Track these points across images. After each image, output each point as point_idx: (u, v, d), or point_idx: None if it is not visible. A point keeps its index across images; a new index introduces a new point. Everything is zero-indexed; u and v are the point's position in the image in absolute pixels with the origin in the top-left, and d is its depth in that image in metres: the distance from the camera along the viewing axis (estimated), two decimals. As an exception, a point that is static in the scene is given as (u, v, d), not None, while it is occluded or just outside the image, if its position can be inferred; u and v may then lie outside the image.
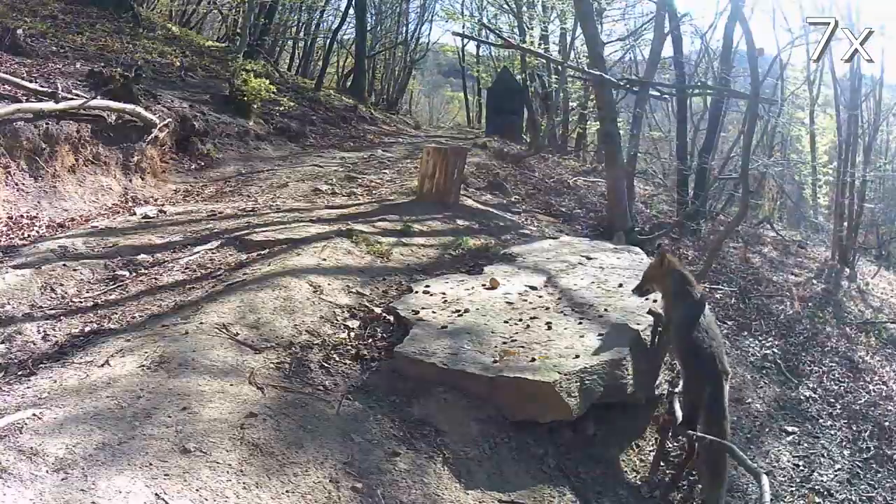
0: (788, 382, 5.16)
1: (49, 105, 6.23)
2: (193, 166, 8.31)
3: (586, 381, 3.58)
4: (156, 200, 6.94)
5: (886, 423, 5.01)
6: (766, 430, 4.43)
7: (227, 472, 2.59)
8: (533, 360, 3.65)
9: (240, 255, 5.09)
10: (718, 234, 8.35)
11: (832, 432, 4.68)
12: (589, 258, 5.83)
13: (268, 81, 10.65)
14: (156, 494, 2.35)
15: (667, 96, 11.11)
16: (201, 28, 19.14)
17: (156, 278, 4.63)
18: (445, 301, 4.51)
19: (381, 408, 3.38)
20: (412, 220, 6.55)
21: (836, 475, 4.18)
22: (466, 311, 4.32)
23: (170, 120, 7.97)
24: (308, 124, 12.24)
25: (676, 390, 4.26)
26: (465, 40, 23.98)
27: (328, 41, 20.36)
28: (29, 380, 3.13)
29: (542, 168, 12.39)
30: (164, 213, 6.26)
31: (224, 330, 3.68)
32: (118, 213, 6.23)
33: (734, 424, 4.35)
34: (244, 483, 2.56)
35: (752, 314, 6.39)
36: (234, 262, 4.93)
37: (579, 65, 12.81)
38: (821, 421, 4.79)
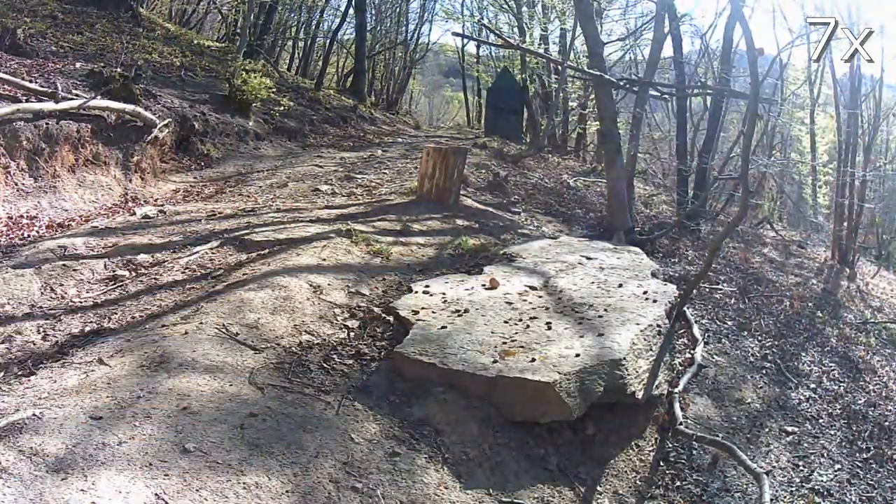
0: (788, 382, 5.16)
1: (49, 105, 6.23)
2: (193, 166, 8.32)
3: (586, 381, 3.58)
4: (156, 200, 6.94)
5: (886, 424, 5.01)
6: (766, 430, 4.43)
7: (227, 472, 2.59)
8: (533, 360, 3.65)
9: (239, 254, 5.09)
10: (718, 234, 8.35)
11: (832, 432, 4.67)
12: (588, 258, 5.83)
13: (267, 81, 10.65)
14: (156, 494, 2.35)
15: (667, 96, 11.10)
16: (201, 28, 19.14)
17: (155, 278, 4.63)
18: (445, 301, 4.51)
19: (381, 408, 3.39)
20: (412, 219, 6.55)
21: (836, 475, 4.18)
22: (466, 311, 4.32)
23: (170, 120, 7.97)
24: (308, 124, 12.25)
25: (676, 390, 4.27)
26: (465, 40, 24.07)
27: (328, 41, 20.37)
28: (29, 380, 3.13)
29: (541, 168, 12.40)
30: (164, 213, 6.26)
31: (224, 330, 3.69)
32: (118, 213, 6.23)
33: (734, 424, 4.36)
34: (244, 483, 2.57)
35: (752, 314, 6.39)
36: (234, 261, 4.93)
37: (579, 65, 12.83)
38: (821, 421, 4.78)
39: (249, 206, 6.67)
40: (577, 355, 3.72)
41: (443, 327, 4.03)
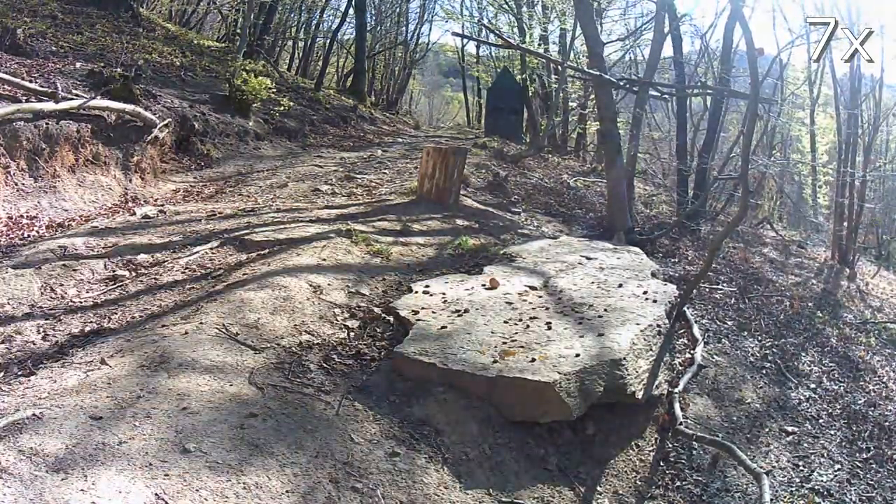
0: (788, 382, 5.16)
1: (49, 105, 6.23)
2: (193, 166, 8.32)
3: (586, 381, 3.58)
4: (156, 200, 6.94)
5: (886, 424, 5.01)
6: (766, 430, 4.43)
7: (227, 472, 2.59)
8: (533, 360, 3.65)
9: (239, 254, 5.09)
10: (718, 234, 8.35)
11: (832, 432, 4.67)
12: (588, 258, 5.83)
13: (268, 81, 10.65)
14: (156, 494, 2.35)
15: (667, 96, 11.10)
16: (201, 28, 19.14)
17: (155, 278, 4.63)
18: (445, 301, 4.51)
19: (380, 408, 3.39)
20: (412, 219, 6.55)
21: (836, 475, 4.18)
22: (466, 311, 4.32)
23: (170, 120, 7.97)
24: (308, 124, 12.25)
25: (676, 390, 4.27)
26: (465, 40, 24.07)
27: (328, 41, 20.38)
28: (29, 380, 3.13)
29: (541, 168, 12.40)
30: (164, 213, 6.26)
31: (224, 330, 3.68)
32: (118, 213, 6.23)
33: (734, 424, 4.36)
34: (244, 483, 2.57)
35: (752, 314, 6.39)
36: (234, 261, 4.93)
37: (579, 65, 12.83)
38: (821, 421, 4.78)
39: (249, 206, 6.67)
40: (577, 355, 3.72)
41: (443, 327, 4.03)
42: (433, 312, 4.28)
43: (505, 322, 4.19)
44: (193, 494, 2.42)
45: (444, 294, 4.65)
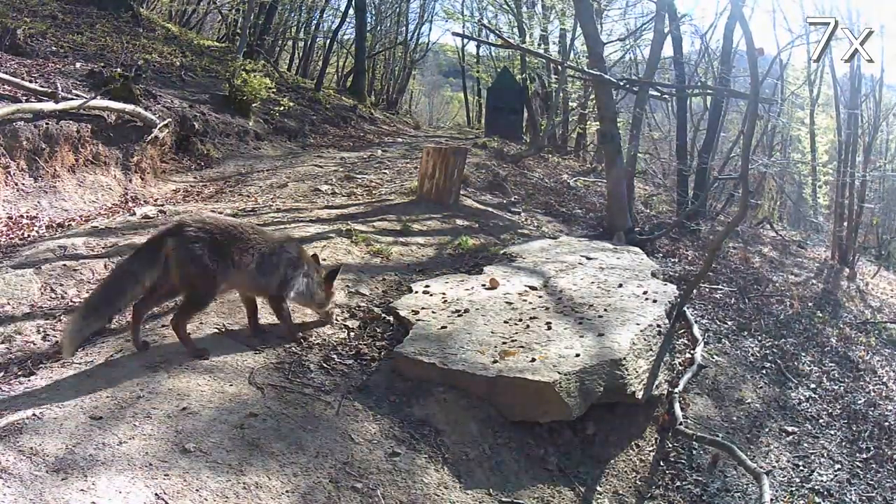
0: (788, 382, 5.16)
1: (49, 105, 6.23)
2: (193, 166, 8.32)
3: (586, 381, 3.58)
4: (156, 200, 6.94)
5: (886, 424, 5.01)
6: (766, 430, 4.43)
7: (227, 472, 2.59)
8: (533, 360, 3.65)
9: (240, 255, 5.08)
10: (718, 234, 8.36)
11: (832, 432, 4.67)
12: (588, 258, 5.83)
13: (267, 81, 10.66)
14: (156, 494, 2.35)
15: (667, 96, 11.11)
16: (201, 28, 19.14)
17: (156, 278, 4.62)
18: (445, 301, 4.51)
19: (380, 408, 3.38)
20: (412, 219, 6.55)
21: (836, 475, 4.18)
22: (466, 311, 4.32)
23: (169, 120, 7.97)
24: (308, 124, 12.25)
25: (676, 390, 4.27)
26: (465, 40, 24.07)
27: (328, 41, 20.38)
28: (29, 380, 3.13)
29: (541, 168, 12.40)
30: (164, 213, 6.25)
31: (224, 330, 3.68)
32: (118, 213, 6.22)
33: (734, 424, 4.36)
34: (244, 483, 2.57)
35: (752, 314, 6.39)
36: (234, 262, 4.92)
37: (579, 65, 12.83)
38: (821, 421, 4.78)
39: (249, 206, 6.67)
40: (577, 355, 3.72)
41: (443, 327, 4.03)
42: (433, 312, 4.28)
43: (505, 322, 4.19)
44: (193, 494, 2.42)
45: (444, 294, 4.65)
